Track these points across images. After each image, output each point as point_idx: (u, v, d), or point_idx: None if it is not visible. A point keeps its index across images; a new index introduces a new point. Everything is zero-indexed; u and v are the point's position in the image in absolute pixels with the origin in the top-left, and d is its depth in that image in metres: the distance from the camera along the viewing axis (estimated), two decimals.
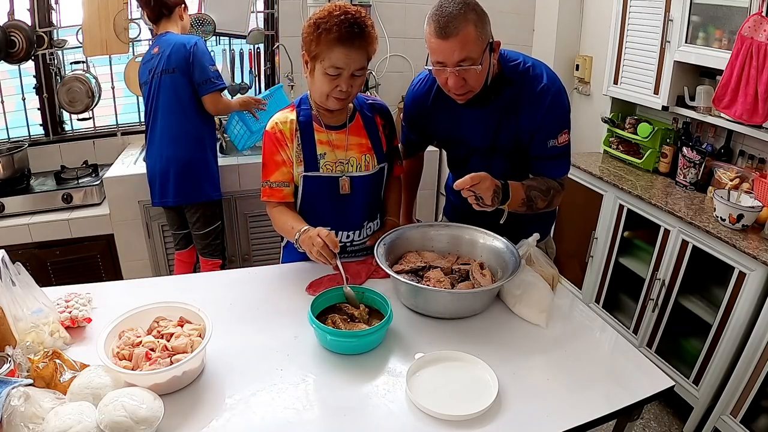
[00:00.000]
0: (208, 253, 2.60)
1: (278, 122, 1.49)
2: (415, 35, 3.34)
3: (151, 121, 2.42)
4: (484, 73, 1.34)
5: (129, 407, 0.93)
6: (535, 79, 1.42)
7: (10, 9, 2.66)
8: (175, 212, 2.55)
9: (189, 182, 2.42)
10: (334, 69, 1.35)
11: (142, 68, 2.46)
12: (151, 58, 2.39)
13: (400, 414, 1.04)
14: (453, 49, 1.28)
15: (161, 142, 2.39)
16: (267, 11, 3.18)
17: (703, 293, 2.23)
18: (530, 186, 1.44)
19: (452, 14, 1.26)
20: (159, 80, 2.35)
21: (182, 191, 2.42)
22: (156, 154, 2.41)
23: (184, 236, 2.62)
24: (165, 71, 2.33)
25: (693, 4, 2.29)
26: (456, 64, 1.30)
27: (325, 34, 1.32)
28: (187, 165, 2.40)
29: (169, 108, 2.37)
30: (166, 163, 2.39)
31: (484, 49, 1.31)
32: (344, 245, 1.60)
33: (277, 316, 1.34)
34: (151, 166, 2.45)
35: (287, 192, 1.52)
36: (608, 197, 2.61)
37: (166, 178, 2.40)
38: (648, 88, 2.59)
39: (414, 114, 1.60)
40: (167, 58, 2.32)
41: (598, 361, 1.23)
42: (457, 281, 1.39)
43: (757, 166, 2.27)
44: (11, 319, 1.13)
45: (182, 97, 2.35)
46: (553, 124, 1.43)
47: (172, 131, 2.38)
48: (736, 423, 1.98)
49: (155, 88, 2.36)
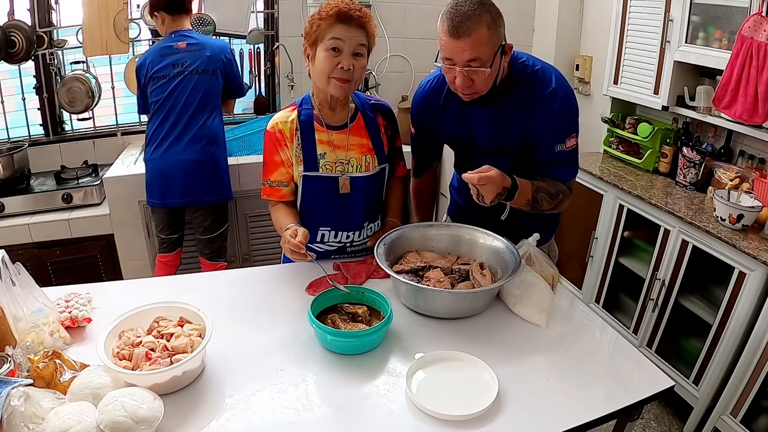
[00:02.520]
0: (214, 256, 2.54)
1: (278, 122, 1.49)
2: (415, 35, 3.34)
3: (175, 117, 2.33)
4: (492, 76, 1.33)
5: (129, 407, 0.93)
6: (543, 82, 1.41)
7: (10, 9, 2.66)
8: (173, 215, 2.46)
9: (216, 184, 2.40)
10: (335, 41, 1.35)
11: (160, 61, 2.33)
12: (177, 52, 2.33)
13: (400, 414, 1.04)
14: (464, 49, 1.27)
15: (192, 140, 2.33)
16: (267, 11, 3.18)
17: (703, 293, 2.23)
18: (539, 187, 1.43)
19: (466, 14, 1.25)
20: (193, 78, 2.32)
21: (210, 192, 2.38)
22: (183, 152, 2.32)
23: (175, 240, 2.53)
24: (204, 71, 2.33)
25: (693, 4, 2.29)
26: (465, 64, 1.29)
27: (325, 15, 1.36)
28: (215, 164, 2.38)
29: (204, 106, 2.35)
30: (197, 163, 2.33)
31: (495, 52, 1.30)
32: (344, 245, 1.60)
33: (277, 316, 1.34)
34: (172, 164, 2.33)
35: (286, 191, 1.53)
36: (608, 197, 2.61)
37: (195, 178, 2.34)
38: (648, 88, 2.59)
39: (423, 113, 1.59)
40: (207, 59, 2.33)
41: (598, 361, 1.23)
42: (457, 281, 1.39)
43: (757, 166, 2.27)
44: (11, 319, 1.13)
45: (215, 97, 2.38)
46: (561, 128, 1.43)
47: (202, 130, 2.34)
48: (736, 423, 1.98)
49: (185, 85, 2.32)
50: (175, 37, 2.37)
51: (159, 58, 2.35)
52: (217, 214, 2.48)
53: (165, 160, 2.35)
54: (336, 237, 1.57)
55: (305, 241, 1.35)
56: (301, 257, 1.36)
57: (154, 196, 2.40)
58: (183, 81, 2.32)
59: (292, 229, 1.38)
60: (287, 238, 1.36)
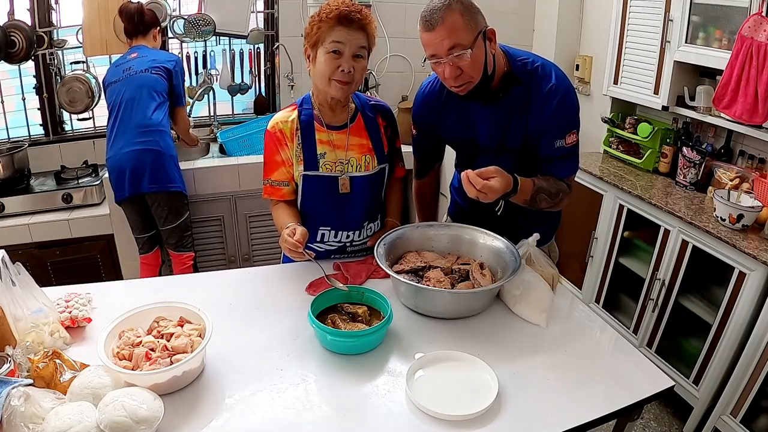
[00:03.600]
0: (181, 246, 2.58)
1: (279, 121, 1.50)
2: (415, 35, 3.28)
3: (120, 115, 2.41)
4: (479, 61, 1.33)
5: (129, 407, 0.93)
6: (543, 78, 1.41)
7: (10, 9, 2.67)
8: (140, 213, 2.51)
9: (162, 171, 2.43)
10: (336, 44, 1.36)
11: (113, 69, 2.51)
12: (128, 61, 2.48)
13: (400, 414, 1.04)
14: (441, 38, 1.29)
15: (135, 132, 2.38)
16: (267, 11, 3.18)
17: (703, 293, 2.23)
18: (540, 188, 1.43)
19: (436, 7, 1.29)
20: (135, 78, 2.42)
21: (157, 179, 2.42)
22: (128, 144, 2.37)
23: (150, 238, 2.59)
24: (146, 70, 2.44)
25: (693, 4, 2.29)
26: (446, 52, 1.30)
27: (325, 17, 1.37)
28: (158, 153, 2.41)
29: (145, 101, 2.41)
30: (141, 152, 2.37)
31: (475, 37, 1.31)
32: (344, 245, 1.60)
33: (277, 316, 1.34)
34: (120, 158, 2.39)
35: (287, 191, 1.53)
36: (608, 197, 2.61)
37: (141, 167, 2.38)
38: (648, 88, 2.59)
39: (424, 114, 1.59)
40: (151, 61, 2.47)
41: (598, 361, 1.23)
42: (457, 281, 1.39)
43: (757, 166, 2.27)
44: (11, 319, 1.13)
45: (159, 93, 2.46)
46: (561, 124, 1.43)
47: (143, 121, 2.40)
48: (736, 423, 1.98)
49: (129, 84, 2.42)
50: (131, 51, 2.56)
51: (113, 68, 2.53)
52: (172, 204, 2.50)
53: (115, 154, 2.41)
54: (336, 237, 1.58)
55: (303, 240, 1.36)
56: (299, 255, 1.36)
57: (116, 193, 2.46)
58: (127, 81, 2.43)
59: (290, 227, 1.38)
60: (285, 236, 1.36)
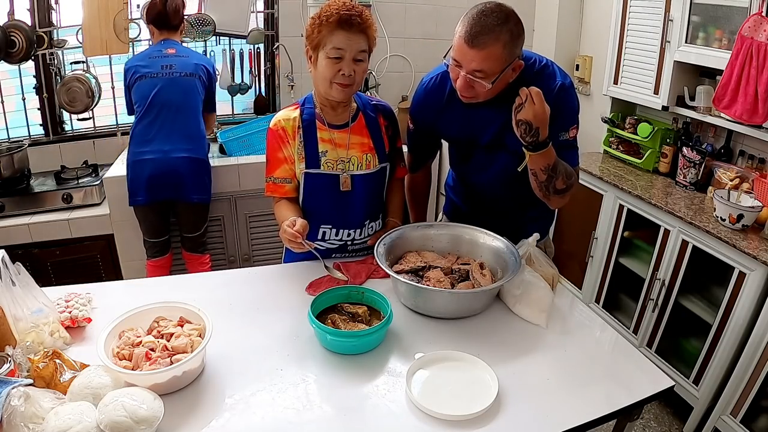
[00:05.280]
0: (201, 249, 2.64)
1: (281, 119, 1.51)
2: (415, 35, 3.34)
3: (164, 116, 2.38)
4: (495, 89, 1.34)
5: (129, 407, 0.93)
6: (550, 77, 1.41)
7: (10, 9, 2.66)
8: (161, 218, 2.50)
9: (205, 182, 2.49)
10: (336, 51, 1.37)
11: (148, 61, 2.44)
12: (166, 56, 2.45)
13: (400, 414, 1.04)
14: (473, 59, 1.28)
15: (184, 139, 2.40)
16: (267, 11, 3.18)
17: (703, 293, 2.23)
18: (560, 162, 1.40)
19: (487, 26, 1.25)
20: (185, 81, 2.42)
21: (199, 189, 2.46)
22: (177, 150, 2.38)
23: (164, 242, 2.58)
24: (193, 74, 2.45)
25: (693, 4, 2.29)
26: (470, 71, 1.30)
27: (326, 20, 1.37)
28: (203, 163, 2.47)
29: (195, 108, 2.45)
30: (189, 160, 2.40)
31: (503, 69, 1.30)
32: (345, 243, 1.60)
33: (277, 316, 1.34)
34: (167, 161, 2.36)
35: (289, 188, 1.54)
36: (608, 197, 2.61)
37: (186, 174, 2.40)
38: (648, 88, 2.59)
39: (424, 111, 1.58)
40: (193, 66, 2.47)
41: (598, 361, 1.23)
42: (457, 281, 1.39)
43: (757, 166, 2.27)
44: (11, 319, 1.13)
45: (198, 101, 2.48)
46: (566, 119, 1.43)
47: (189, 130, 2.43)
48: (736, 423, 1.98)
49: (176, 85, 2.41)
50: (165, 44, 2.50)
51: (148, 60, 2.46)
52: (203, 213, 2.57)
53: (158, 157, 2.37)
54: (337, 235, 1.58)
55: (303, 231, 1.36)
56: (298, 246, 1.36)
57: (141, 195, 2.41)
58: (171, 81, 2.41)
59: (291, 219, 1.39)
60: (285, 227, 1.37)
